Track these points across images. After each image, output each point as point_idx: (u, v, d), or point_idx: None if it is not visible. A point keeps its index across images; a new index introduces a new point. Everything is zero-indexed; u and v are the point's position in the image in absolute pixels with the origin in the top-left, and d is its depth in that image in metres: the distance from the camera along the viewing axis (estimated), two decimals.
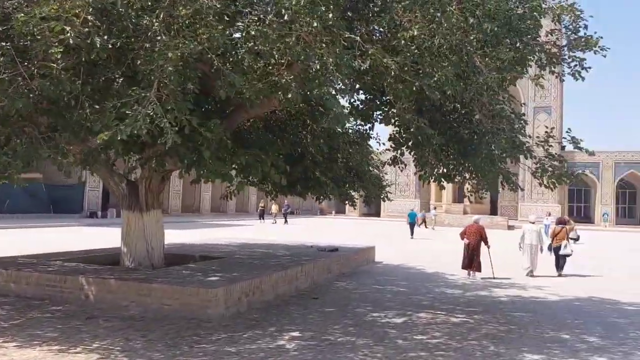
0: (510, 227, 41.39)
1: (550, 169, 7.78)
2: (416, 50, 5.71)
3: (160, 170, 9.13)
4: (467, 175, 8.65)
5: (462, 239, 13.27)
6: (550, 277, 13.71)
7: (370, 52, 5.49)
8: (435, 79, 5.72)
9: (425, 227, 37.22)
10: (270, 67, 5.86)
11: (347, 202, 13.52)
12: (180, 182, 42.80)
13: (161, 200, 10.82)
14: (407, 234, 28.01)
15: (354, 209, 58.58)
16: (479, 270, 12.88)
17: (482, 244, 13.05)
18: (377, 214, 58.38)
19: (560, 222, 15.62)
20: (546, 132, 7.99)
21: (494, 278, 12.71)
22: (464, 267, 13.10)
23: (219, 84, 5.77)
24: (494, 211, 52.55)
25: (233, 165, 8.50)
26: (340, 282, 11.92)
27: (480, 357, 6.13)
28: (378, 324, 7.76)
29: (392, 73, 5.71)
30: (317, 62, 5.27)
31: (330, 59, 5.13)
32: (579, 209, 54.31)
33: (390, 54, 5.72)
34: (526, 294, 10.77)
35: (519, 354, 6.27)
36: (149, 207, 10.11)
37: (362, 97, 8.80)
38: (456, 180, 9.30)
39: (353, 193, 12.79)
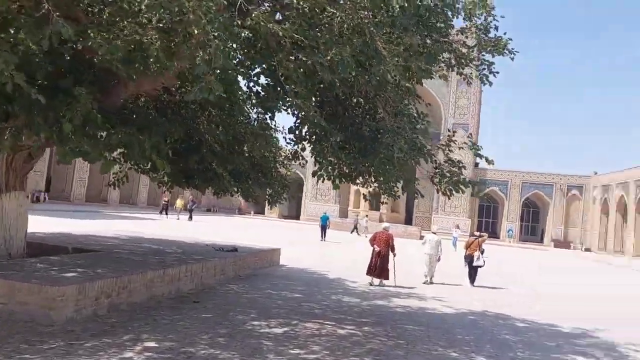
0: (422, 237, 42.06)
1: (448, 174, 7.34)
2: (309, 22, 4.95)
3: (17, 146, 7.75)
4: (368, 177, 8.05)
5: (372, 245, 12.93)
6: (452, 285, 13.69)
7: (253, 15, 4.67)
8: (329, 58, 4.99)
9: (358, 234, 37.29)
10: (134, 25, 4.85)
11: (250, 199, 12.61)
12: (86, 169, 39.74)
13: (26, 181, 9.36)
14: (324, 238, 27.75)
15: (271, 209, 57.70)
16: (387, 277, 12.60)
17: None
18: (298, 216, 57.84)
19: (473, 234, 15.94)
20: (448, 135, 7.56)
21: (395, 286, 12.49)
22: (369, 273, 12.72)
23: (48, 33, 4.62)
24: (409, 221, 53.71)
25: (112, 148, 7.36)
26: (231, 285, 10.97)
27: None
28: (255, 334, 6.92)
29: (282, 45, 4.90)
30: (185, 15, 4.35)
31: (200, 13, 4.23)
32: (487, 224, 56.69)
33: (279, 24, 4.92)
34: (423, 305, 10.39)
35: None
36: (10, 189, 8.68)
37: (263, 81, 7.95)
38: (358, 181, 8.70)
39: (262, 191, 11.95)
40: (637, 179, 40.15)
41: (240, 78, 7.32)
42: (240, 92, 8.55)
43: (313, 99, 7.16)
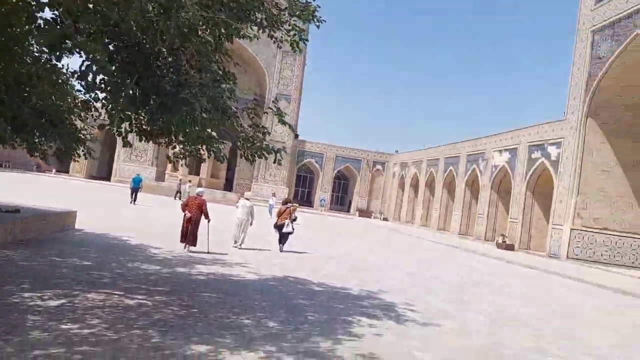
0: None
1: (252, 140, 7.18)
2: None
3: None
4: (169, 136, 7.46)
5: (184, 211, 12.57)
6: (263, 250, 13.89)
7: None
8: None
9: (181, 199, 35.41)
10: None
11: (36, 154, 10.93)
12: None
13: None
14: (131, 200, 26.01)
15: (78, 162, 52.43)
16: (194, 244, 12.39)
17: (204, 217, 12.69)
18: (109, 177, 53.35)
19: (286, 202, 16.20)
20: (255, 98, 7.38)
21: (207, 252, 12.33)
22: (182, 241, 12.45)
23: None
24: (229, 187, 53.61)
25: None
26: (8, 252, 9.47)
27: (134, 352, 5.00)
28: (21, 308, 5.97)
29: None
30: None
31: None
32: (303, 193, 59.54)
33: None
34: (227, 271, 10.27)
35: (184, 345, 5.37)
36: None
37: (50, 15, 6.72)
38: (161, 141, 8.04)
39: (51, 145, 10.38)
40: (429, 158, 45.73)
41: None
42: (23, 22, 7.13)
43: (107, 42, 6.29)
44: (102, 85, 7.00)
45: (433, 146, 45.74)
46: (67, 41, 6.37)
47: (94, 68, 5.69)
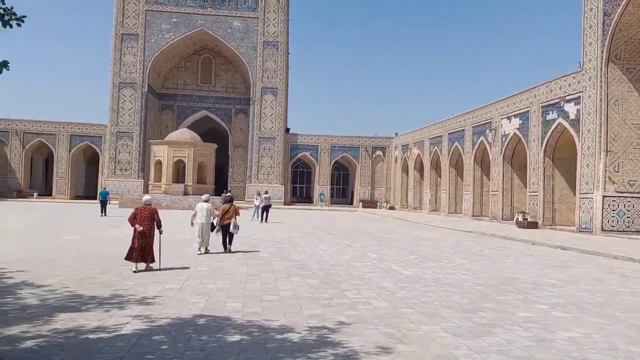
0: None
1: None
2: None
3: None
4: None
5: (132, 225, 10.60)
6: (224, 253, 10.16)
7: None
8: None
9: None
10: None
11: None
12: None
13: None
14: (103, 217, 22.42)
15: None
16: (152, 260, 10.57)
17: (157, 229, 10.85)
18: (95, 195, 49.65)
19: (230, 200, 14.48)
20: None
21: (159, 269, 10.48)
22: (128, 258, 10.41)
23: None
24: (220, 192, 50.00)
25: None
26: None
27: None
28: None
29: None
30: None
31: None
32: (302, 189, 55.88)
33: None
34: (100, 323, 6.55)
35: None
36: None
37: None
38: None
39: None
40: (431, 136, 41.76)
41: None
42: None
43: None
44: None
45: (433, 123, 41.75)
46: None
47: None
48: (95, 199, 48.83)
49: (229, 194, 33.32)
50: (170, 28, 49.66)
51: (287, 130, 52.56)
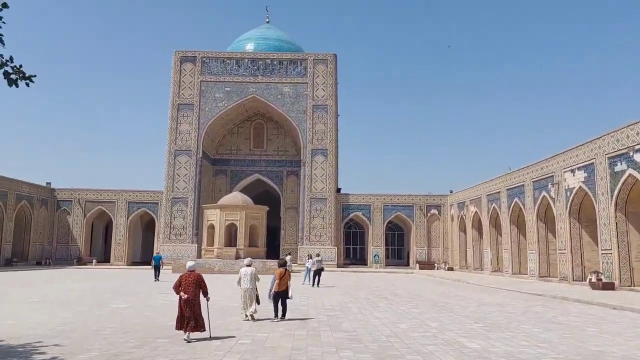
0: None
1: None
2: None
3: None
4: None
5: (177, 293, 10.34)
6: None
7: None
8: None
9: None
10: None
11: None
12: None
13: None
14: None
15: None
16: (201, 328, 10.12)
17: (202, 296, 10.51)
18: (150, 261, 50.39)
19: (283, 263, 13.67)
20: None
21: (210, 338, 10.15)
22: (179, 328, 10.14)
23: None
24: (272, 255, 49.48)
25: None
26: None
27: None
28: None
29: None
30: None
31: None
32: (355, 250, 54.54)
33: None
34: None
35: None
36: None
37: None
38: None
39: None
40: (489, 193, 40.03)
41: None
42: None
43: None
44: None
45: (490, 179, 40.11)
46: None
47: None
48: (149, 264, 49.61)
49: (289, 256, 32.83)
50: (223, 97, 51.55)
51: (338, 190, 52.15)
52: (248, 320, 12.76)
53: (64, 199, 51.39)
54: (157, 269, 29.30)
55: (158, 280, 28.22)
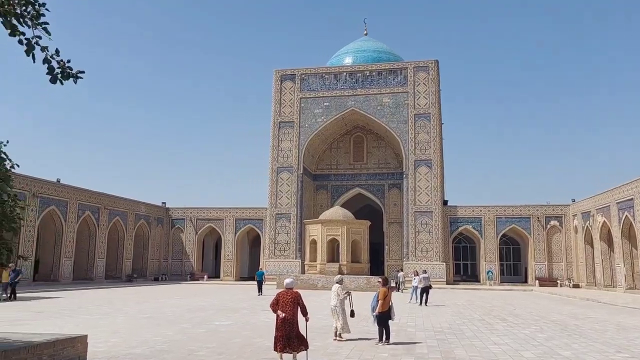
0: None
1: None
2: None
3: None
4: None
5: (275, 311, 9.71)
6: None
7: None
8: None
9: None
10: None
11: None
12: None
13: None
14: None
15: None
16: (300, 348, 9.44)
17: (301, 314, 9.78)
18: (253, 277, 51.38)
19: (385, 282, 12.77)
20: None
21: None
22: (278, 349, 9.40)
23: None
24: (375, 271, 47.99)
25: None
26: None
27: None
28: None
29: None
30: None
31: None
32: (465, 266, 51.29)
33: None
34: None
35: None
36: None
37: None
38: None
39: None
40: (619, 200, 35.44)
41: None
42: None
43: None
44: None
45: (621, 184, 35.48)
46: None
47: None
48: (252, 279, 50.49)
49: (401, 272, 31.16)
50: (322, 112, 51.55)
51: (445, 202, 49.53)
52: (336, 340, 12.09)
53: (178, 217, 54.23)
54: (260, 284, 30.74)
55: (261, 294, 29.69)
